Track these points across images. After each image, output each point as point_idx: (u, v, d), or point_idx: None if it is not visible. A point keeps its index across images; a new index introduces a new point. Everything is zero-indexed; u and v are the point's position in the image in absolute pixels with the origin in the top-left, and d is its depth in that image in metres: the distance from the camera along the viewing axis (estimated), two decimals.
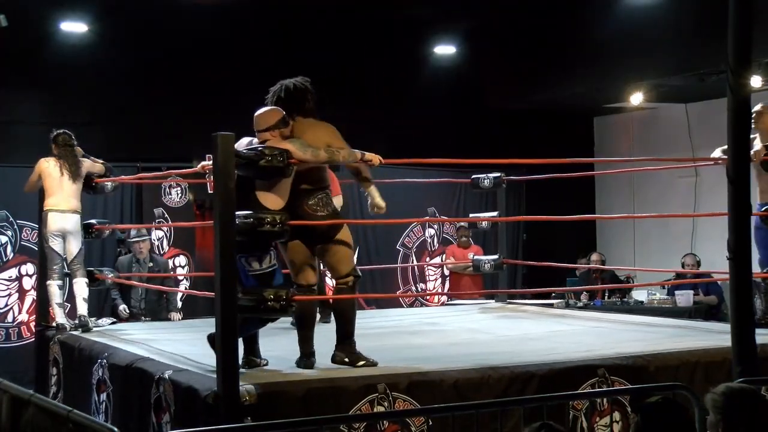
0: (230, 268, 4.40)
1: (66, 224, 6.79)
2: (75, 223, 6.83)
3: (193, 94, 10.11)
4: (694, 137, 11.47)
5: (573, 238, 11.82)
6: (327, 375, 4.68)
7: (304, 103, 5.02)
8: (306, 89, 5.06)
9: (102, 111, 10.00)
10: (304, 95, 5.04)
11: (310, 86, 5.08)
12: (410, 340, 6.19)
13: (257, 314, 4.63)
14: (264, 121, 4.86)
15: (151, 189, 9.87)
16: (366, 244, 11.03)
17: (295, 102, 4.99)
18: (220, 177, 4.41)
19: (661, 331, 6.44)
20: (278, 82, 5.09)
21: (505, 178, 8.00)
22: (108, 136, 9.71)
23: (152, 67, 10.16)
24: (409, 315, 8.25)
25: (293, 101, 4.98)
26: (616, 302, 9.57)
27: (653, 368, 5.04)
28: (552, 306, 8.69)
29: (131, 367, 5.23)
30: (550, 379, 4.78)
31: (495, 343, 5.93)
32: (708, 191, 10.90)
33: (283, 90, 5.02)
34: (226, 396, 4.22)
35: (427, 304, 11.13)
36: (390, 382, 4.51)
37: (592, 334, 6.40)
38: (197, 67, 10.20)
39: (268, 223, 4.59)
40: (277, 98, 5.00)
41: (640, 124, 12.35)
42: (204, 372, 4.71)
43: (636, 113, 12.17)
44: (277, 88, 5.06)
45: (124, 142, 9.96)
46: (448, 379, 4.63)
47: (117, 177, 7.10)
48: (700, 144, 11.25)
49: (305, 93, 5.04)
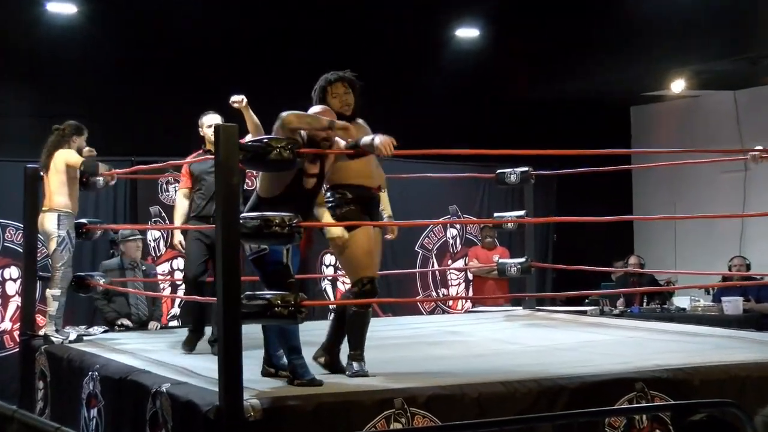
0: (233, 273, 4.41)
1: (41, 224, 6.78)
2: (45, 223, 6.74)
3: (193, 83, 10.14)
4: (743, 128, 11.43)
5: (608, 239, 11.80)
6: (340, 388, 4.69)
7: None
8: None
9: (93, 102, 10.03)
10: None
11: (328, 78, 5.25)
12: (430, 351, 6.19)
13: (263, 321, 4.64)
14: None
15: (146, 185, 9.91)
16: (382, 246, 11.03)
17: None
18: (223, 173, 4.43)
19: (707, 342, 6.42)
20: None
21: (533, 173, 7.98)
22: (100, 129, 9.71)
23: (148, 54, 10.20)
24: (428, 323, 8.25)
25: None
26: (655, 309, 9.54)
27: (698, 382, 5.02)
28: (585, 313, 8.67)
29: (125, 379, 5.25)
30: (583, 394, 4.77)
31: (522, 354, 5.93)
32: (758, 187, 10.87)
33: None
34: (228, 411, 4.23)
35: (448, 311, 11.13)
36: (408, 396, 4.51)
37: (630, 345, 6.39)
38: (197, 54, 10.23)
39: (277, 225, 4.59)
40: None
41: (682, 114, 12.31)
42: (204, 385, 4.72)
43: (677, 102, 12.13)
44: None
45: (118, 135, 10.01)
46: (471, 393, 4.63)
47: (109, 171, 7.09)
48: (749, 135, 11.20)
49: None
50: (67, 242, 6.72)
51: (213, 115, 6.51)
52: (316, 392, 4.60)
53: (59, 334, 6.64)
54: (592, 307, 9.20)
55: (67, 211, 6.76)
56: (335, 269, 10.71)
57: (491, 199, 11.23)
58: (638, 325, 7.53)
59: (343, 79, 5.25)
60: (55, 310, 6.68)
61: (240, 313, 4.41)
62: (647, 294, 9.91)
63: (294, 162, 4.67)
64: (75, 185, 6.85)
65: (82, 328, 7.19)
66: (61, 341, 6.57)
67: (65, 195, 6.76)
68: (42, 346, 6.61)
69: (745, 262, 9.97)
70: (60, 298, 6.69)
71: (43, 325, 6.88)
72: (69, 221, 6.76)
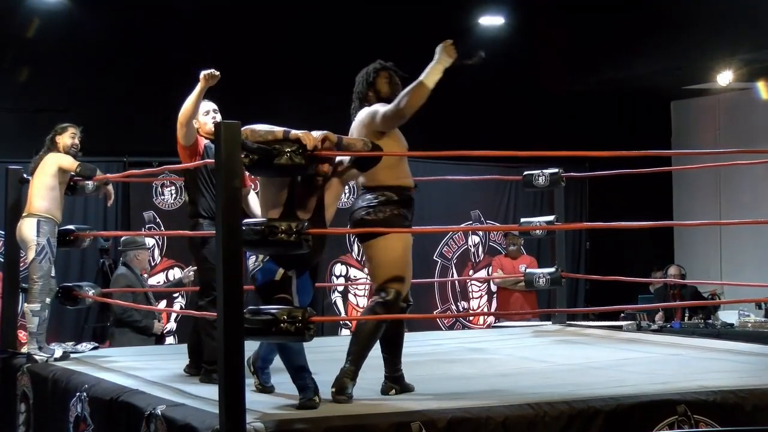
0: (235, 284, 4.42)
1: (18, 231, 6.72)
2: (23, 229, 6.67)
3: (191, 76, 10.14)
4: None
5: (646, 247, 11.79)
6: (352, 410, 4.70)
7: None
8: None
9: (81, 96, 10.09)
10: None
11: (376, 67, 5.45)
12: (450, 370, 6.20)
13: (267, 338, 4.65)
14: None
15: (140, 188, 9.95)
16: None
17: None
18: (224, 174, 4.44)
19: (759, 361, 6.40)
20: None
21: (564, 175, 7.97)
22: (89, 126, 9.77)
23: (141, 44, 10.23)
24: (448, 339, 8.25)
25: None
26: (699, 324, 9.52)
27: (750, 407, 4.98)
28: (620, 329, 8.66)
29: (117, 401, 5.26)
30: (619, 417, 4.76)
31: (552, 374, 5.93)
32: None
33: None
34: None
35: (469, 327, 11.13)
36: (426, 419, 4.52)
37: (670, 363, 6.37)
38: (195, 43, 10.26)
39: (283, 232, 4.60)
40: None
41: (728, 108, 12.29)
42: (203, 407, 4.73)
43: (723, 96, 12.11)
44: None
45: (109, 132, 10.04)
46: (496, 416, 4.63)
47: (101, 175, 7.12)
48: None
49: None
50: (48, 251, 6.62)
51: (206, 102, 6.28)
52: (327, 414, 4.61)
53: (43, 352, 6.59)
54: (628, 322, 9.19)
55: (48, 216, 6.65)
56: (346, 280, 10.73)
57: (517, 204, 11.23)
58: (679, 342, 7.51)
59: (387, 68, 5.45)
60: (36, 326, 6.60)
61: (243, 329, 4.42)
62: (690, 308, 9.89)
63: (305, 168, 4.68)
64: (61, 191, 6.82)
65: (69, 344, 7.20)
66: (46, 359, 6.55)
67: (47, 199, 6.67)
68: (24, 365, 6.59)
69: None
70: (40, 313, 6.59)
71: (26, 342, 6.87)
72: (50, 228, 6.65)
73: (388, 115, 5.15)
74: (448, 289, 11.27)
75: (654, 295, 10.62)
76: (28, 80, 10.04)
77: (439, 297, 11.25)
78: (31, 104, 9.42)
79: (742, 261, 11.80)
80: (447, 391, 5.24)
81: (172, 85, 10.16)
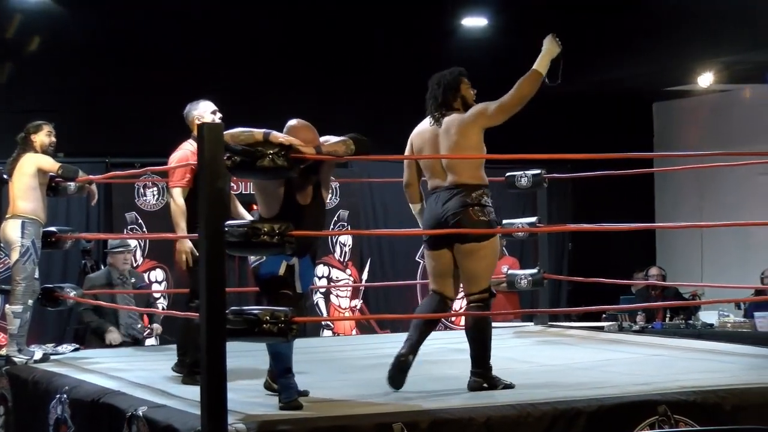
0: (218, 285, 4.42)
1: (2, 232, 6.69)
2: (7, 230, 6.63)
3: (174, 76, 10.15)
4: None
5: (628, 249, 11.83)
6: (334, 411, 4.71)
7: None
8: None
9: (63, 96, 10.05)
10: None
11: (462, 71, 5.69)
12: (432, 371, 6.20)
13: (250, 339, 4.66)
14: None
15: (122, 189, 9.93)
16: (380, 256, 11.07)
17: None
18: (207, 175, 4.44)
19: (738, 361, 6.43)
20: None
21: (546, 176, 8.00)
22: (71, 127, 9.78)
23: (124, 42, 10.21)
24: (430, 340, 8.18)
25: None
26: (680, 325, 9.56)
27: (730, 407, 5.00)
28: (602, 329, 8.68)
29: (98, 402, 5.25)
30: (601, 418, 4.79)
31: (534, 374, 5.95)
32: None
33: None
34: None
35: (452, 327, 11.13)
36: (408, 420, 4.52)
37: (651, 364, 6.40)
38: (179, 42, 10.24)
39: (265, 234, 4.61)
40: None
41: (710, 110, 12.34)
42: (185, 408, 4.73)
43: (705, 97, 12.16)
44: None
45: (90, 133, 10.03)
46: (479, 417, 4.65)
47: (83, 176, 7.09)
48: None
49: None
50: (32, 253, 6.59)
51: (209, 102, 6.15)
52: (309, 416, 4.62)
53: (23, 354, 6.55)
54: (610, 323, 9.22)
55: (33, 218, 6.63)
56: (329, 281, 10.73)
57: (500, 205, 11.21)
58: (661, 343, 7.54)
59: (466, 74, 5.72)
60: (17, 328, 6.56)
61: (225, 330, 4.43)
62: (671, 308, 9.93)
63: (287, 170, 4.69)
64: (43, 192, 6.76)
65: (50, 346, 7.16)
66: (25, 361, 6.52)
67: (31, 200, 6.64)
68: (3, 367, 6.56)
69: None
70: (22, 315, 6.56)
71: (5, 344, 6.83)
72: (35, 229, 6.63)
73: (506, 106, 5.47)
74: None
75: (635, 296, 10.66)
76: (11, 81, 10.00)
77: (421, 298, 11.22)
78: (13, 106, 9.38)
79: (723, 262, 11.85)
80: (430, 391, 5.26)
81: (155, 86, 10.23)
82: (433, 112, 5.56)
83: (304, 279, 5.02)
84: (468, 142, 5.45)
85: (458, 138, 5.44)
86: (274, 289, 4.91)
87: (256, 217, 5.03)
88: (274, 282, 4.92)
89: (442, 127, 5.51)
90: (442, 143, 5.49)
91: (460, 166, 5.44)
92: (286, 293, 4.88)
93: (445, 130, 5.49)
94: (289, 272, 4.92)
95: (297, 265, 4.95)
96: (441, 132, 5.50)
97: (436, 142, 5.51)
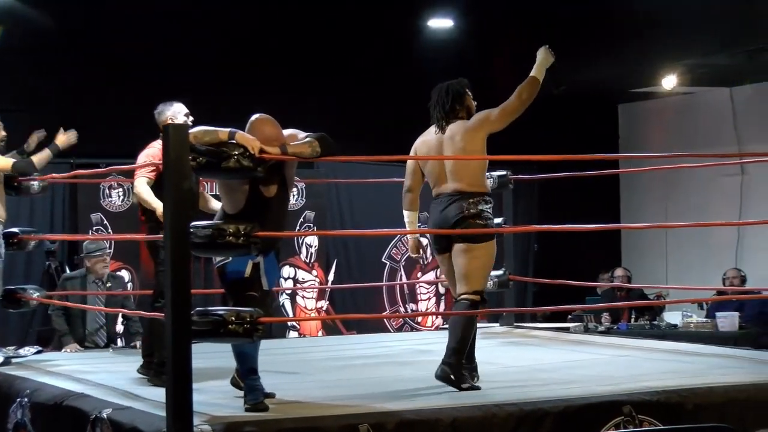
0: (183, 286, 4.41)
1: None
2: None
3: (140, 75, 10.10)
4: (740, 127, 11.54)
5: (594, 250, 11.87)
6: (301, 413, 4.70)
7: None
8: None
9: (26, 95, 9.98)
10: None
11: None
12: (399, 372, 6.21)
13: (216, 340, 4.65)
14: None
15: (87, 190, 9.86)
16: (346, 257, 11.06)
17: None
18: (172, 176, 4.43)
19: (701, 361, 6.48)
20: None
21: (512, 177, 8.03)
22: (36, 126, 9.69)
23: (89, 40, 10.13)
24: (396, 341, 8.27)
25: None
26: (644, 326, 9.61)
27: (692, 406, 5.06)
28: (568, 330, 8.72)
29: (61, 405, 5.21)
30: (567, 419, 4.81)
31: (500, 375, 5.96)
32: (757, 192, 10.97)
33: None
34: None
35: (418, 328, 11.15)
36: (375, 422, 4.53)
37: (617, 364, 6.44)
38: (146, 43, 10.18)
39: (231, 235, 4.61)
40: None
41: (674, 112, 12.42)
42: (150, 409, 4.71)
43: (670, 99, 12.24)
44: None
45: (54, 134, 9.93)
46: (445, 418, 4.66)
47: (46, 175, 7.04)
48: (747, 135, 11.32)
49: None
50: None
51: (181, 104, 6.15)
52: (275, 417, 4.61)
53: None
54: (575, 324, 9.25)
55: None
56: (294, 282, 10.71)
57: None
58: (626, 343, 7.59)
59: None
60: None
61: (190, 331, 4.41)
62: (636, 309, 9.99)
63: (252, 171, 4.69)
64: (0, 190, 6.73)
65: (11, 349, 7.08)
66: None
67: None
68: None
69: (740, 274, 10.07)
70: None
71: None
72: None
73: (508, 110, 5.69)
74: (397, 291, 11.28)
75: (601, 297, 10.70)
76: None
77: (387, 299, 11.26)
78: None
79: (687, 263, 11.93)
80: (396, 392, 5.27)
81: (120, 86, 10.17)
82: (439, 120, 5.74)
83: (269, 276, 5.02)
84: (473, 147, 5.63)
85: (464, 144, 5.62)
86: (241, 290, 4.90)
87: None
88: (240, 283, 4.91)
89: (446, 134, 5.69)
90: (446, 150, 5.66)
91: (464, 173, 5.62)
92: (253, 294, 4.87)
93: (449, 137, 5.67)
94: (254, 270, 4.92)
95: (262, 263, 4.94)
96: (445, 139, 5.68)
97: (440, 149, 5.68)
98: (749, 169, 11.16)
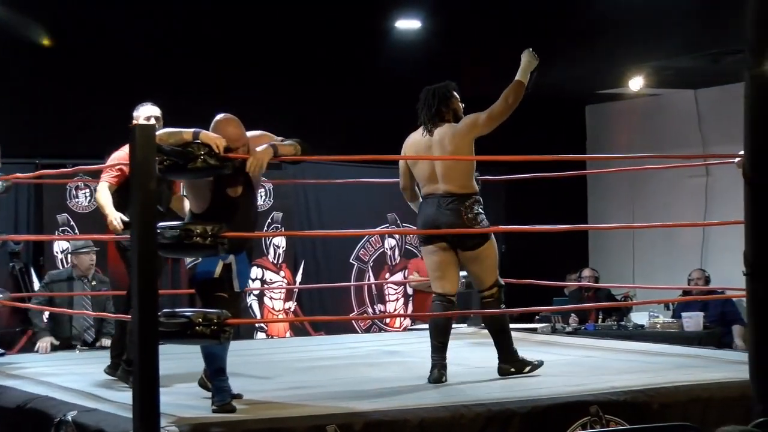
0: (150, 287, 4.39)
1: None
2: None
3: (108, 75, 10.05)
4: (705, 129, 11.63)
5: (561, 250, 11.92)
6: (268, 414, 4.70)
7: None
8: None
9: None
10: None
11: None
12: (366, 373, 6.21)
13: (183, 341, 4.64)
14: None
15: (53, 191, 9.79)
16: (314, 258, 11.04)
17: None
18: (139, 177, 4.41)
19: (666, 361, 6.53)
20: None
21: (479, 178, 8.02)
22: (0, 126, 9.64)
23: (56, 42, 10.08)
24: (364, 342, 8.27)
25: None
26: (612, 326, 9.67)
27: (657, 405, 5.11)
28: (535, 331, 8.75)
29: (24, 408, 5.17)
30: (534, 419, 4.83)
31: (468, 376, 5.97)
32: (721, 194, 11.05)
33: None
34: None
35: (385, 329, 11.16)
36: (342, 422, 4.53)
37: (584, 365, 6.47)
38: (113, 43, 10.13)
39: (198, 236, 4.60)
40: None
41: (640, 113, 12.49)
42: (117, 411, 4.69)
43: (636, 101, 12.31)
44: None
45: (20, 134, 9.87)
46: (413, 419, 4.66)
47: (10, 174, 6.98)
48: (711, 137, 11.41)
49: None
50: None
51: (151, 107, 6.11)
52: (242, 418, 4.60)
53: None
54: (543, 325, 9.29)
55: None
56: (262, 283, 10.69)
57: None
58: (593, 344, 7.64)
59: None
60: None
61: (157, 332, 4.40)
62: (603, 310, 10.04)
63: (219, 168, 4.69)
64: None
65: None
66: None
67: None
68: None
69: (704, 275, 10.15)
70: None
71: None
72: None
73: (495, 114, 5.84)
74: (365, 292, 11.28)
75: (568, 298, 10.75)
76: None
77: (355, 300, 11.26)
78: None
79: (653, 263, 12.00)
80: (364, 393, 5.27)
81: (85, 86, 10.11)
82: (426, 123, 5.88)
83: (241, 277, 5.01)
84: (462, 151, 5.77)
85: (453, 148, 5.76)
86: (210, 291, 4.88)
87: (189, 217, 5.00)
88: (209, 283, 4.89)
89: (435, 137, 5.83)
90: (435, 153, 5.81)
91: (454, 176, 5.77)
92: (222, 296, 4.85)
93: (438, 141, 5.81)
94: (225, 271, 4.90)
95: (234, 263, 4.93)
96: (434, 142, 5.83)
97: (429, 151, 5.82)
98: (714, 171, 11.24)
